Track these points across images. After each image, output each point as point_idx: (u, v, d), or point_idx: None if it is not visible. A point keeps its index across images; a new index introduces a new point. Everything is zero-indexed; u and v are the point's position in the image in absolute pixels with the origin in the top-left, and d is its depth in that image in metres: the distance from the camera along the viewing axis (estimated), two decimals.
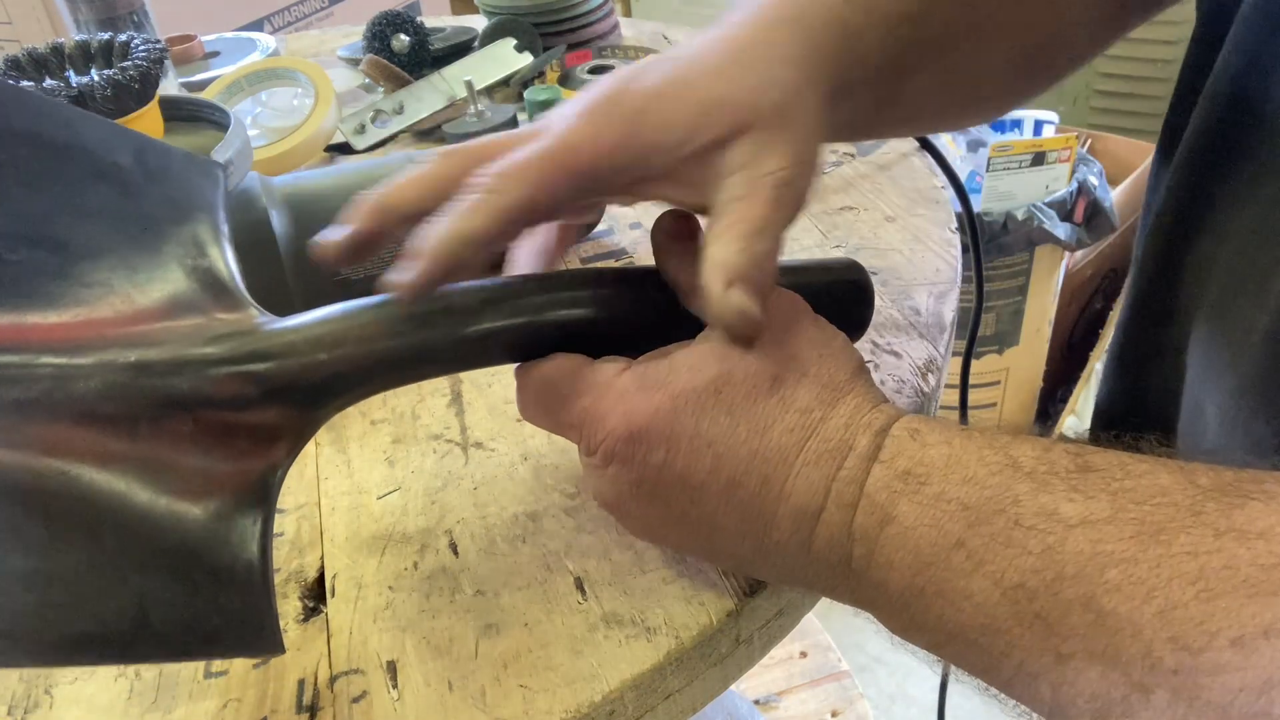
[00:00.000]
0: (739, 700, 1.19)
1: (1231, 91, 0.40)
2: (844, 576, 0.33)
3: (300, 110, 0.76)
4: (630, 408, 0.33)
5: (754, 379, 0.33)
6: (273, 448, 0.33)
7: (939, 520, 0.30)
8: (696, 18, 2.43)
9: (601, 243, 0.62)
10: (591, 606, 0.38)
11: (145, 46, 0.50)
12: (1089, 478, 0.28)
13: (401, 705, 0.35)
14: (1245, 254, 0.39)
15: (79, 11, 0.80)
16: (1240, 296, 0.39)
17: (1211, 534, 0.26)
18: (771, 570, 0.35)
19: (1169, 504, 0.27)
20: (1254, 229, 0.38)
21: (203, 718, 0.35)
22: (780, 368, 0.33)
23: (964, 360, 0.52)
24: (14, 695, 0.36)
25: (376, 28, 0.87)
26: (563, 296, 0.36)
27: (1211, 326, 0.41)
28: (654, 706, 0.36)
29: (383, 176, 0.55)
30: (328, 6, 1.72)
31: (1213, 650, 0.24)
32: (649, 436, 0.33)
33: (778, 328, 0.34)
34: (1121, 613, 0.26)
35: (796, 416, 0.33)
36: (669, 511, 0.34)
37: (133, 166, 0.37)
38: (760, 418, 0.33)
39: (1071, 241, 1.42)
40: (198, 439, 0.32)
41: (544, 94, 0.75)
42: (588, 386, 0.35)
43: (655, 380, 0.34)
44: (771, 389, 0.33)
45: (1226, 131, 0.40)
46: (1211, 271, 0.41)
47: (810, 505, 0.32)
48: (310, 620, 0.38)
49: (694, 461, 0.33)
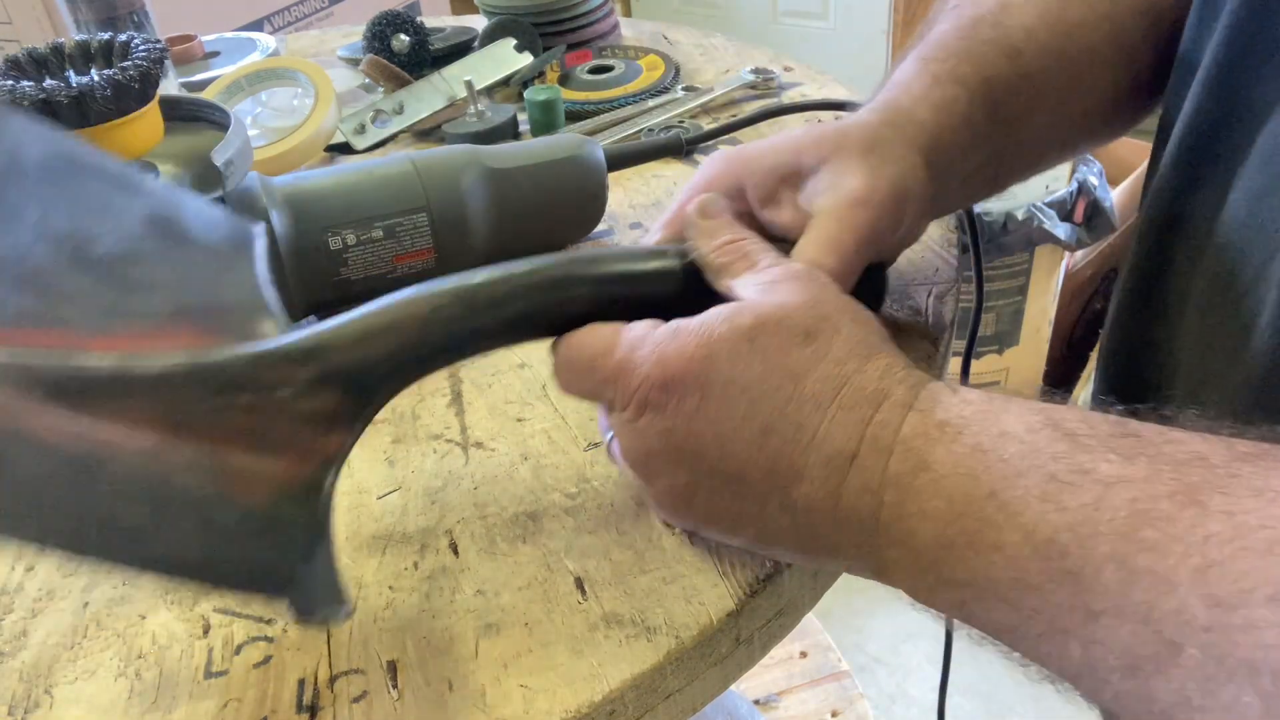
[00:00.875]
0: (739, 700, 1.19)
1: (1218, 85, 0.40)
2: (869, 534, 0.32)
3: (300, 110, 0.76)
4: (664, 355, 0.34)
5: (788, 331, 0.34)
6: (329, 435, 0.35)
7: (974, 470, 0.30)
8: (696, 18, 2.43)
9: (602, 243, 0.62)
10: (592, 606, 0.38)
11: (145, 46, 0.50)
12: (1128, 441, 0.29)
13: (402, 705, 0.35)
14: (1234, 247, 0.39)
15: (79, 11, 0.80)
16: (1231, 290, 0.39)
17: (1250, 494, 0.26)
18: (793, 537, 0.34)
19: (1206, 467, 0.27)
20: (1244, 222, 0.38)
21: (203, 718, 0.35)
22: (814, 324, 0.34)
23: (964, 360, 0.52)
24: (14, 695, 0.36)
25: (376, 28, 0.87)
26: (597, 273, 0.39)
27: (1203, 321, 0.41)
28: (654, 706, 0.36)
29: (383, 176, 0.55)
30: (328, 6, 1.72)
31: (1247, 607, 0.24)
32: (683, 382, 0.34)
33: (812, 294, 0.36)
34: (1156, 570, 0.26)
35: (831, 366, 0.33)
36: (697, 467, 0.34)
37: (182, 218, 0.41)
38: (795, 366, 0.33)
39: (1071, 241, 1.42)
40: (256, 429, 0.34)
41: (544, 94, 0.75)
42: (621, 343, 0.36)
43: (689, 330, 0.35)
44: (805, 341, 0.34)
45: (1213, 125, 0.41)
46: (1199, 265, 0.41)
47: (844, 449, 0.32)
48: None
49: (727, 408, 0.33)
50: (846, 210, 0.40)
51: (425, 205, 0.55)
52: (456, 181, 0.56)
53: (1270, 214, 0.37)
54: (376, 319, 0.36)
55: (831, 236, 0.40)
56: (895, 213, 0.41)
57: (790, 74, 0.85)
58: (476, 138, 0.73)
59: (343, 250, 0.54)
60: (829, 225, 0.40)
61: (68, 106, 0.46)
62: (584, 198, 0.60)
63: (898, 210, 0.41)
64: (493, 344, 0.38)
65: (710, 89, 0.80)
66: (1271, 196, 0.37)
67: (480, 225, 0.57)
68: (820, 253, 0.40)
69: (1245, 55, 0.38)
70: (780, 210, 0.43)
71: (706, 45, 0.93)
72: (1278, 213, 0.37)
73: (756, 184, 0.44)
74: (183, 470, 0.33)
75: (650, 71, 0.84)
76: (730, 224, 0.41)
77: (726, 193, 0.44)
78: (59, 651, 0.38)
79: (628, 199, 0.67)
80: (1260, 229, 0.37)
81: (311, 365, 0.35)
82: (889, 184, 0.41)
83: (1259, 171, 0.38)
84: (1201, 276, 0.41)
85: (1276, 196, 0.37)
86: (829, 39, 2.30)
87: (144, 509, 0.32)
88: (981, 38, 0.47)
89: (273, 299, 0.41)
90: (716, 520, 0.36)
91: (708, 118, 0.78)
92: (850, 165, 0.41)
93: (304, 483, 0.34)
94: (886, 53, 2.21)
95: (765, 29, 2.38)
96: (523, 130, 0.77)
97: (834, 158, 0.42)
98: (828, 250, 0.40)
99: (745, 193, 0.44)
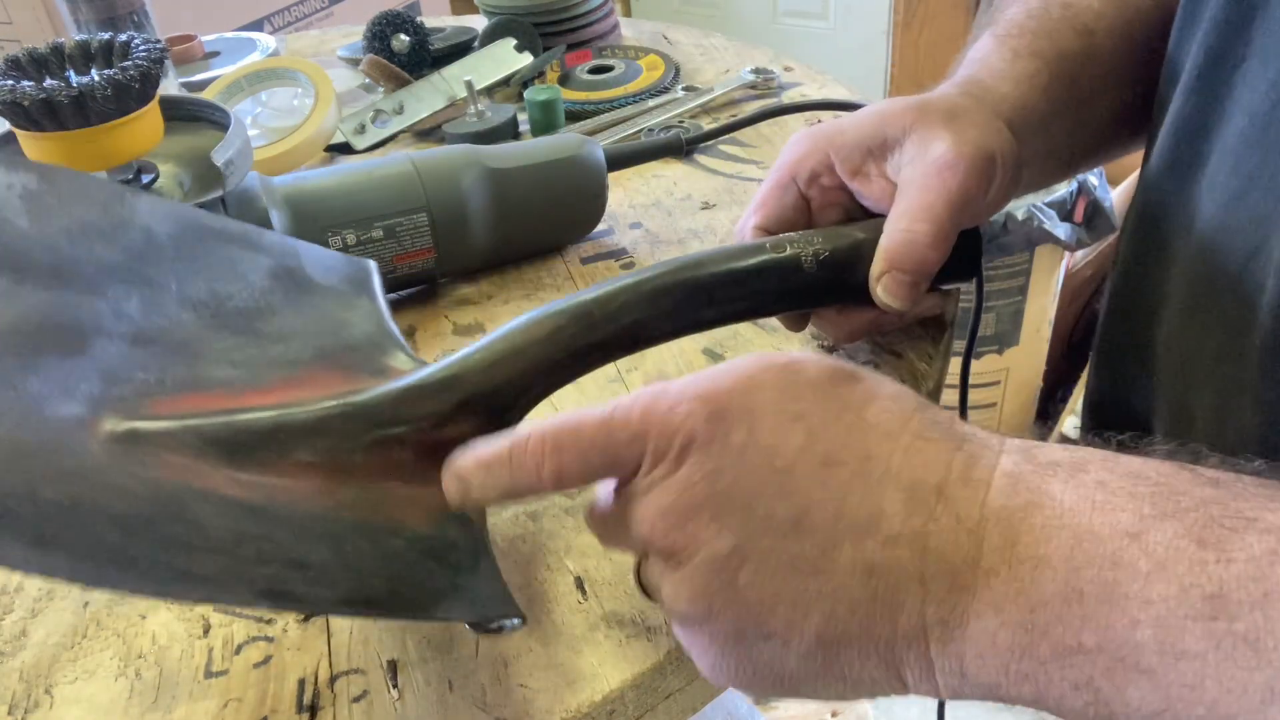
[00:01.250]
0: (739, 700, 1.19)
1: (1200, 86, 0.40)
2: (961, 592, 0.26)
3: (300, 110, 0.76)
4: (700, 390, 0.29)
5: (831, 369, 0.30)
6: None
7: (1104, 506, 0.24)
8: (696, 18, 2.43)
9: (602, 242, 0.62)
10: (592, 606, 0.38)
11: (145, 46, 0.50)
12: (1277, 489, 0.24)
13: (402, 705, 0.35)
14: (1213, 248, 0.39)
15: (79, 11, 0.80)
16: (1212, 291, 0.39)
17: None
18: (866, 613, 0.27)
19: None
20: (1222, 222, 0.38)
21: (203, 717, 0.35)
22: (853, 369, 0.31)
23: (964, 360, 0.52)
24: (14, 695, 0.36)
25: (376, 28, 0.87)
26: (700, 276, 0.41)
27: (1189, 320, 0.41)
28: (654, 706, 0.36)
29: (383, 176, 0.55)
30: (328, 6, 1.72)
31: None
32: (729, 412, 0.29)
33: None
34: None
35: (889, 401, 0.29)
36: (748, 520, 0.28)
37: (303, 266, 0.45)
38: (849, 397, 0.29)
39: (1071, 241, 1.42)
40: (409, 462, 0.36)
41: (544, 94, 0.75)
42: (635, 401, 0.30)
43: (716, 371, 0.30)
44: (853, 379, 0.30)
45: (1195, 126, 0.41)
46: (1180, 266, 0.41)
47: (926, 479, 0.27)
48: (310, 620, 0.38)
49: (781, 437, 0.28)
50: (935, 176, 0.41)
51: (425, 205, 0.55)
52: (456, 181, 0.56)
53: (1247, 213, 0.37)
54: (503, 344, 0.38)
55: (922, 203, 0.40)
56: (984, 175, 0.41)
57: (790, 74, 0.85)
58: (476, 138, 0.73)
59: (343, 250, 0.54)
60: (918, 192, 0.41)
61: (68, 106, 0.46)
62: (584, 198, 0.60)
63: (986, 172, 0.41)
64: (611, 355, 0.40)
65: (710, 89, 0.80)
66: (1247, 196, 0.37)
67: (480, 225, 0.57)
68: (912, 220, 0.40)
69: (1224, 56, 0.39)
70: (869, 182, 0.44)
71: (706, 45, 0.93)
72: (1255, 212, 0.37)
73: (844, 158, 0.44)
74: (351, 506, 0.35)
75: (650, 71, 0.84)
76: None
77: (814, 169, 0.45)
78: (59, 651, 0.38)
79: (628, 199, 0.67)
80: (1238, 230, 0.37)
81: (450, 395, 0.37)
82: (974, 147, 0.41)
83: (1231, 173, 0.38)
84: (1182, 277, 0.41)
85: (1251, 196, 0.37)
86: (829, 39, 2.30)
87: (325, 546, 0.33)
88: (1054, 16, 0.48)
89: (396, 330, 0.44)
90: (769, 613, 0.28)
91: (708, 118, 0.78)
92: (935, 132, 0.41)
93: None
94: (886, 53, 2.21)
95: (765, 29, 2.38)
96: (523, 130, 0.77)
97: (918, 126, 0.42)
98: (919, 217, 0.40)
99: (834, 167, 0.44)
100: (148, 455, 0.34)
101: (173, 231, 0.42)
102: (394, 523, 0.35)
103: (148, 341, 0.38)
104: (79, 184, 0.42)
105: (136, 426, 0.35)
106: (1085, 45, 0.48)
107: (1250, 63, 0.37)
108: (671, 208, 0.66)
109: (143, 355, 0.38)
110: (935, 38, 2.09)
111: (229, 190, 0.51)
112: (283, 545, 0.33)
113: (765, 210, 0.45)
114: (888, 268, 0.41)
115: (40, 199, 0.40)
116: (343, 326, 0.43)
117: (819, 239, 0.43)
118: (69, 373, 0.35)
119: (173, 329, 0.39)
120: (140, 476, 0.33)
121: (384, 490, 0.36)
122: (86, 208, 0.41)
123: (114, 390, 0.36)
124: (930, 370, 0.48)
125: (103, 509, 0.31)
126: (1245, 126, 0.37)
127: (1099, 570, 0.24)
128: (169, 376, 0.37)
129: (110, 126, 0.48)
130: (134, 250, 0.41)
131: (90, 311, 0.38)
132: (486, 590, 0.35)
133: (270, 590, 0.31)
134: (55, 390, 0.35)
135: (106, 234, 0.41)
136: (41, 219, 0.39)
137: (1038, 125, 0.46)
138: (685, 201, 0.66)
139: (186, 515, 0.32)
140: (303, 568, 0.32)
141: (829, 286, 0.43)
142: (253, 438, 0.36)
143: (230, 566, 0.31)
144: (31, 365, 0.35)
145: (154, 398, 0.36)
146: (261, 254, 0.44)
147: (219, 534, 0.32)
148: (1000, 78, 0.46)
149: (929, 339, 0.50)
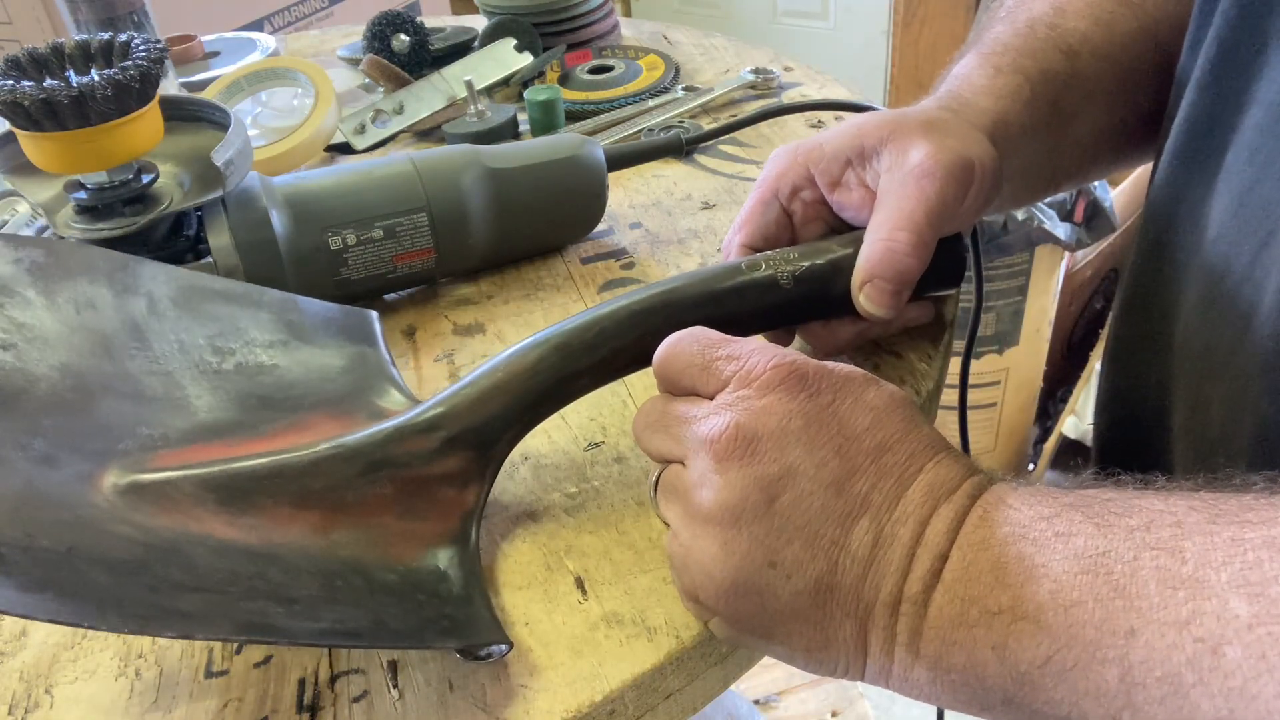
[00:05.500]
0: (739, 700, 1.19)
1: (1211, 83, 0.40)
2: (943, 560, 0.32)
3: (300, 110, 0.76)
4: (795, 356, 0.35)
5: (904, 393, 0.36)
6: (465, 490, 0.39)
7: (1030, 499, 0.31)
8: (696, 18, 2.43)
9: (602, 242, 0.62)
10: (592, 606, 0.38)
11: (145, 46, 0.50)
12: (1162, 489, 0.31)
13: (402, 705, 0.35)
14: (1226, 241, 0.39)
15: (79, 11, 0.80)
16: (1226, 285, 0.39)
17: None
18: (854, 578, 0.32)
19: (1241, 504, 0.28)
20: (1234, 215, 0.39)
21: (203, 718, 0.35)
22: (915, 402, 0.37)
23: (964, 360, 0.52)
24: (14, 695, 0.36)
25: (376, 28, 0.87)
26: (679, 299, 0.41)
27: (1204, 316, 0.41)
28: (654, 706, 0.36)
29: (383, 176, 0.55)
30: (328, 6, 1.72)
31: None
32: (820, 379, 0.34)
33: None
34: (1198, 577, 0.26)
35: (933, 429, 0.36)
36: (810, 455, 0.33)
37: (302, 319, 0.47)
38: (913, 414, 0.35)
39: (1071, 241, 1.42)
40: (400, 499, 0.38)
41: (544, 94, 0.75)
42: (749, 339, 0.37)
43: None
44: (915, 407, 0.36)
45: (1206, 123, 0.41)
46: (1195, 261, 0.42)
47: (946, 483, 0.33)
48: None
49: (855, 416, 0.34)
50: (913, 184, 0.41)
51: (425, 205, 0.55)
52: (456, 181, 0.56)
53: (1259, 202, 0.37)
54: (487, 380, 0.39)
55: (901, 211, 0.41)
56: (961, 182, 0.42)
57: (790, 74, 0.85)
58: (476, 138, 0.73)
59: (343, 250, 0.54)
60: (897, 200, 0.41)
61: (68, 106, 0.46)
62: (584, 198, 0.60)
63: (964, 179, 0.42)
64: (597, 382, 0.41)
65: (710, 89, 0.80)
66: (1258, 188, 0.37)
67: (480, 225, 0.57)
68: (892, 229, 0.41)
69: (1235, 51, 0.39)
70: (849, 192, 0.45)
71: (706, 45, 0.93)
72: (1267, 203, 0.37)
73: (823, 171, 0.45)
74: (345, 544, 0.37)
75: (650, 71, 0.84)
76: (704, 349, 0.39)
77: (794, 183, 0.46)
78: (59, 651, 0.38)
79: (628, 199, 0.67)
80: (1250, 221, 0.38)
81: (438, 433, 0.38)
82: (951, 154, 0.41)
83: (1246, 164, 0.38)
84: (1198, 272, 0.41)
85: (1263, 187, 0.37)
86: (829, 39, 2.30)
87: (315, 582, 0.35)
88: (1039, 36, 0.49)
89: (397, 374, 0.46)
90: (786, 543, 0.32)
91: (708, 118, 0.78)
92: (912, 140, 0.42)
93: (451, 536, 0.38)
94: (886, 53, 2.21)
95: (765, 29, 2.38)
96: (523, 130, 0.77)
97: (895, 136, 0.43)
98: (899, 225, 0.41)
99: (814, 180, 0.45)
100: (148, 504, 0.35)
101: (174, 294, 0.44)
102: (387, 558, 0.37)
103: (151, 399, 0.40)
104: (84, 256, 0.44)
105: (138, 479, 0.36)
106: (1069, 66, 0.48)
107: (1267, 54, 0.37)
108: (671, 208, 0.66)
109: (146, 412, 0.39)
110: (935, 38, 2.09)
111: (229, 190, 0.51)
112: (273, 582, 0.34)
113: (749, 228, 0.46)
114: (869, 277, 0.42)
115: (48, 271, 0.42)
116: (341, 374, 0.45)
117: (795, 255, 0.43)
118: (76, 432, 0.37)
119: (175, 386, 0.41)
120: (138, 524, 0.34)
121: (377, 527, 0.37)
122: (91, 277, 0.43)
123: (118, 446, 0.37)
124: (930, 370, 0.48)
125: (98, 556, 0.32)
126: (1261, 118, 0.37)
127: (1019, 546, 0.30)
128: (171, 431, 0.39)
129: (110, 126, 0.48)
130: (138, 314, 0.43)
131: (96, 373, 0.40)
132: (476, 618, 0.36)
133: (250, 624, 0.31)
134: (62, 448, 0.36)
135: (111, 301, 0.43)
136: (50, 291, 0.41)
137: (1018, 139, 0.46)
138: (685, 201, 0.66)
139: (179, 558, 0.33)
140: (289, 603, 0.33)
141: (808, 302, 0.43)
142: (249, 482, 0.37)
143: (216, 603, 0.32)
144: (40, 426, 0.36)
145: (157, 452, 0.38)
146: (263, 310, 0.46)
147: (211, 574, 0.33)
148: (981, 92, 0.47)
149: (929, 339, 0.50)
